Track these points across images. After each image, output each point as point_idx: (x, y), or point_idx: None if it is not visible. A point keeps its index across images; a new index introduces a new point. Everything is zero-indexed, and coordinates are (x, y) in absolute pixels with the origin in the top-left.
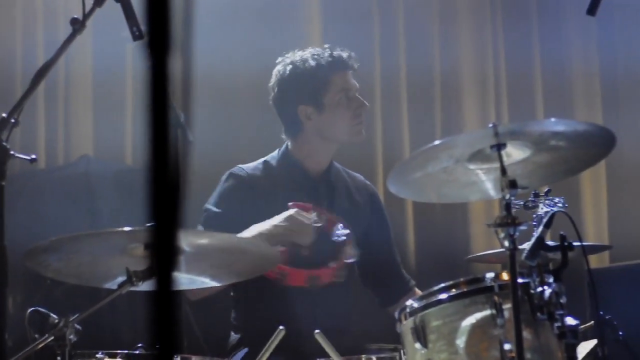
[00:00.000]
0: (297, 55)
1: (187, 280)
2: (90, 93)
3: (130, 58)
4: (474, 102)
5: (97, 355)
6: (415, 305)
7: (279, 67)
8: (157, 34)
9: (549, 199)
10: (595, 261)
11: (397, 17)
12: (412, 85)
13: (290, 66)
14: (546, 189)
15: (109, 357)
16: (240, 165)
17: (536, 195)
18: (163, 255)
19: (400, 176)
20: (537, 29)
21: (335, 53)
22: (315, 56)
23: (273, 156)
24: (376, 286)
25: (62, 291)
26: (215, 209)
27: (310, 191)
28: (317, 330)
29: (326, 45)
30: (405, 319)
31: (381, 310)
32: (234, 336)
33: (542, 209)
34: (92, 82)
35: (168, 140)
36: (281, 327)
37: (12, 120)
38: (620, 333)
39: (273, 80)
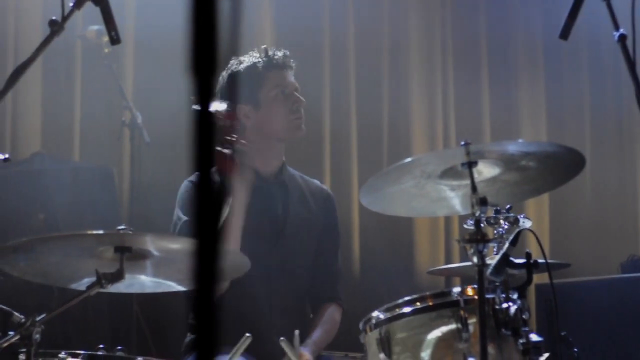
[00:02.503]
0: (235, 60)
1: (153, 284)
2: (40, 89)
3: (79, 54)
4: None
5: (60, 355)
6: (381, 316)
7: (222, 73)
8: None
9: (511, 216)
10: (541, 278)
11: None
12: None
13: (228, 70)
14: (507, 206)
15: (72, 357)
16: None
17: (498, 212)
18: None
19: (373, 189)
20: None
21: (270, 52)
22: (251, 57)
23: None
24: (309, 288)
25: (10, 286)
26: (184, 217)
27: (264, 192)
28: (282, 338)
29: (263, 46)
30: (371, 330)
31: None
32: (190, 337)
33: (503, 226)
34: (42, 77)
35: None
36: (248, 335)
37: None
38: (575, 350)
39: (217, 86)
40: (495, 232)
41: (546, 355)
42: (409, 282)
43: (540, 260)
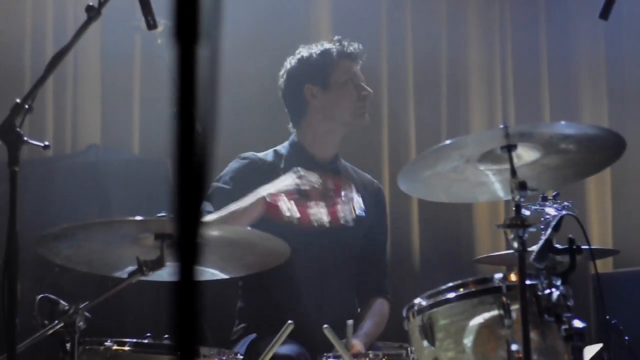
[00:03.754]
0: (305, 47)
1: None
2: (99, 82)
3: (139, 47)
4: (481, 100)
5: (106, 343)
6: (424, 303)
7: (289, 58)
8: (186, 22)
9: (557, 202)
10: (600, 266)
11: (405, 14)
12: (419, 82)
13: (299, 54)
14: (554, 193)
15: (118, 345)
16: (252, 153)
17: (544, 198)
18: (183, 247)
19: (410, 174)
20: (544, 27)
21: (344, 42)
22: (324, 44)
23: (283, 146)
24: (357, 281)
25: (70, 278)
26: (225, 186)
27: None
28: (325, 325)
29: (336, 37)
30: (413, 317)
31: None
32: (239, 325)
33: (550, 212)
34: (101, 71)
35: (194, 132)
36: (290, 322)
37: (26, 107)
38: (626, 338)
39: (283, 69)
40: (542, 218)
41: (599, 345)
42: (470, 271)
43: (584, 247)
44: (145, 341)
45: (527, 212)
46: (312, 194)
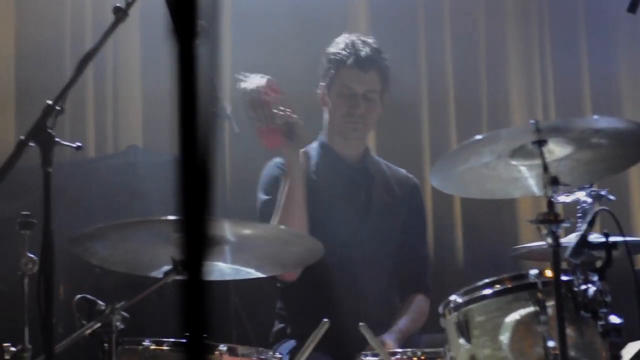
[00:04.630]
0: (338, 38)
1: (232, 270)
2: (139, 83)
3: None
4: (521, 117)
5: (144, 343)
6: (459, 300)
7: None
8: (184, 20)
9: (594, 191)
10: None
11: (443, 26)
12: (459, 102)
13: (329, 47)
14: (588, 185)
15: (156, 344)
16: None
17: (581, 188)
18: (194, 245)
19: (442, 170)
20: (585, 44)
21: (357, 47)
22: (342, 44)
23: (312, 146)
24: (397, 278)
25: (111, 279)
26: (264, 197)
27: (347, 179)
28: (361, 323)
29: (362, 39)
30: (449, 314)
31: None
32: (278, 325)
33: (586, 201)
34: (141, 72)
35: (195, 124)
36: (325, 320)
37: (58, 108)
38: None
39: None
40: (578, 207)
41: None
42: (513, 267)
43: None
44: (184, 341)
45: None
46: None
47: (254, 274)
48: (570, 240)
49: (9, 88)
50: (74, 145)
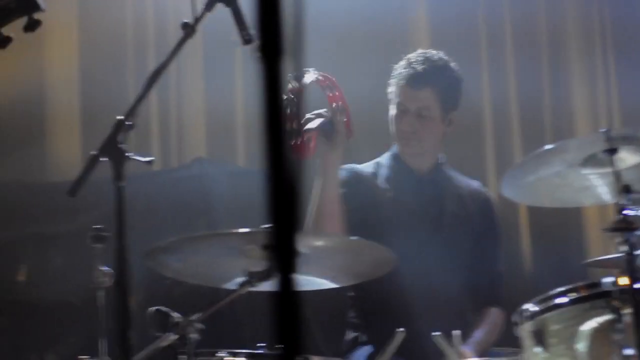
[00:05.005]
0: (406, 57)
1: (306, 281)
2: (203, 95)
3: (240, 61)
4: (585, 128)
5: (219, 354)
6: (534, 309)
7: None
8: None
9: None
10: None
11: (505, 39)
12: (524, 119)
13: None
14: None
15: (231, 355)
16: (353, 165)
17: None
18: (283, 256)
19: (513, 180)
20: None
21: (413, 64)
22: (405, 62)
23: (385, 156)
24: (470, 292)
25: (181, 291)
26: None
27: (418, 190)
28: (436, 333)
29: (426, 55)
30: (524, 322)
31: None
32: (350, 334)
33: None
34: (204, 84)
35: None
36: (401, 329)
37: (128, 123)
38: None
39: None
40: None
41: None
42: (581, 275)
43: None
44: (259, 351)
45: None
46: None
47: (327, 284)
48: None
49: (73, 105)
50: (145, 159)
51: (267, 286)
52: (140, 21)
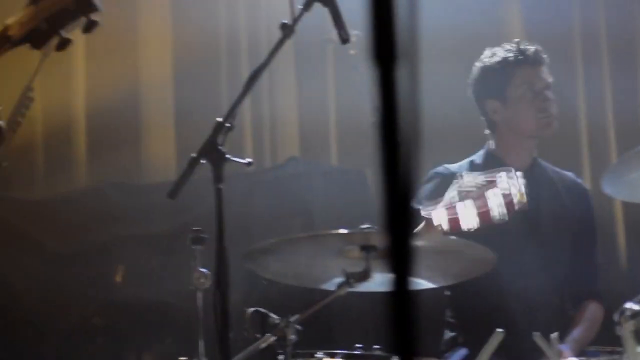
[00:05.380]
0: (489, 52)
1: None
2: (295, 94)
3: (332, 59)
4: None
5: (317, 355)
6: (636, 307)
7: (475, 63)
8: (382, 42)
9: None
10: None
11: (600, 40)
12: (619, 121)
13: (480, 63)
14: None
15: (329, 356)
16: (445, 165)
17: None
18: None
19: (615, 177)
20: None
21: (522, 47)
22: (503, 50)
23: (479, 154)
24: (569, 287)
25: (277, 291)
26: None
27: None
28: (536, 333)
29: (516, 40)
30: (626, 321)
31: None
32: (448, 334)
33: None
34: (296, 83)
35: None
36: (500, 330)
37: (228, 125)
38: None
39: (470, 77)
40: None
41: None
42: None
43: None
44: (356, 352)
45: None
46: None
47: (425, 284)
48: None
49: (168, 108)
50: (244, 161)
51: (365, 287)
52: (233, 25)
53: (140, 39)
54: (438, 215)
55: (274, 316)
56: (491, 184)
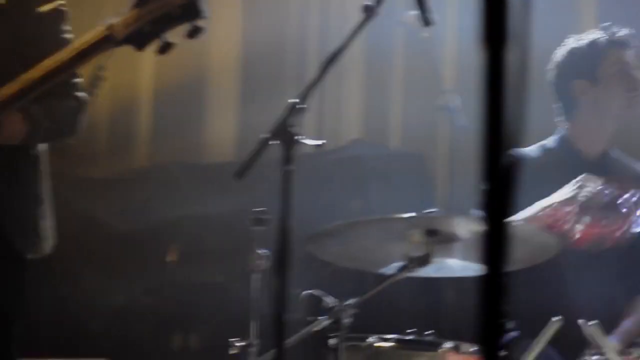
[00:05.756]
0: (573, 37)
1: (462, 267)
2: (361, 76)
3: (401, 42)
4: None
5: (369, 339)
6: None
7: (557, 51)
8: (494, 26)
9: None
10: None
11: None
12: None
13: (567, 47)
14: None
15: (381, 341)
16: (517, 149)
17: None
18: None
19: None
20: None
21: (613, 29)
22: (591, 35)
23: (552, 139)
24: (624, 279)
25: (329, 273)
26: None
27: (581, 174)
28: (590, 322)
29: (604, 24)
30: None
31: None
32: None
33: None
34: (363, 65)
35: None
36: (556, 318)
37: (300, 107)
38: None
39: (551, 62)
40: None
41: None
42: None
43: None
44: (408, 337)
45: None
46: (593, 207)
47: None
48: None
49: (231, 88)
50: (317, 142)
51: (423, 272)
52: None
53: (209, 23)
54: (564, 218)
55: (328, 299)
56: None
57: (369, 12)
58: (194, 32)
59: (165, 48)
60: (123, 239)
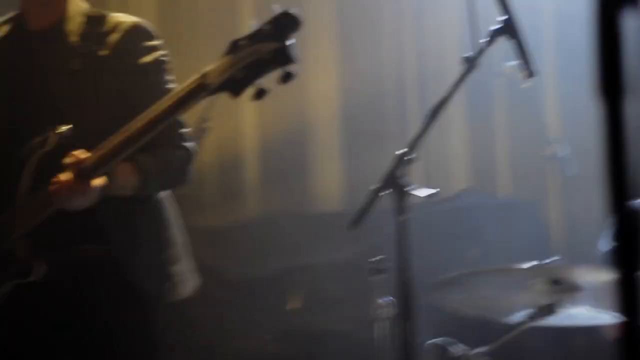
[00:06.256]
0: None
1: (588, 316)
2: (465, 126)
3: (502, 91)
4: None
5: None
6: None
7: None
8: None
9: None
10: None
11: None
12: None
13: None
14: None
15: None
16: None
17: None
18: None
19: None
20: None
21: None
22: None
23: None
24: None
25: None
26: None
27: None
28: None
29: None
30: None
31: None
32: None
33: None
34: (465, 115)
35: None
36: None
37: (409, 157)
38: None
39: None
40: None
41: None
42: None
43: None
44: None
45: None
46: None
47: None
48: None
49: (334, 140)
50: (429, 192)
51: (550, 321)
52: (400, 59)
53: (309, 73)
54: None
55: (453, 349)
56: None
57: (470, 63)
58: (287, 78)
59: (260, 94)
60: (240, 286)
